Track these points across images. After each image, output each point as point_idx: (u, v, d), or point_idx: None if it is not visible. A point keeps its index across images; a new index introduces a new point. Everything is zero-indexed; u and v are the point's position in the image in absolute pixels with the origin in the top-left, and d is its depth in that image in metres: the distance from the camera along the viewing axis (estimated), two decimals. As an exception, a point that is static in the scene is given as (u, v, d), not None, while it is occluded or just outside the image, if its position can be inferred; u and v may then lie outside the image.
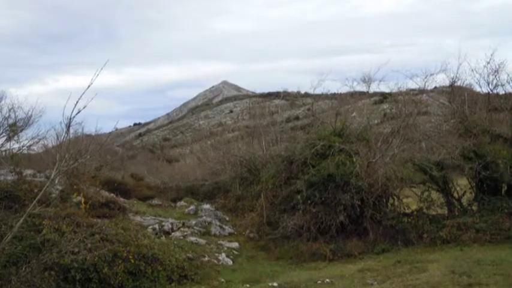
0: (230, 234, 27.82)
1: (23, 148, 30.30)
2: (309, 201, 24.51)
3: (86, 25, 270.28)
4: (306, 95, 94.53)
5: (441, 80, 31.81)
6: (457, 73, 30.00)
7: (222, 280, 20.21)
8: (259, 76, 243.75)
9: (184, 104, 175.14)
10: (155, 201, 33.69)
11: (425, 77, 30.06)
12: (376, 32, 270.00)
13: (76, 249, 17.33)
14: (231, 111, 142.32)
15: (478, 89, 31.50)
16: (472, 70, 29.71)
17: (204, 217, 29.27)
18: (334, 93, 47.94)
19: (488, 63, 29.02)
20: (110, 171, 46.68)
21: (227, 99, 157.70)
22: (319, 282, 18.48)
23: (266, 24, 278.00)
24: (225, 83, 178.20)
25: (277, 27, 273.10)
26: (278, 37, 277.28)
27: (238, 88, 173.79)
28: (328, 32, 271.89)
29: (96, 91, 13.29)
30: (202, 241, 25.19)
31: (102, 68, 13.70)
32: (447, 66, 29.85)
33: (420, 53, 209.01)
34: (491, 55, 28.97)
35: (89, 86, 13.30)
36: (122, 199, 30.22)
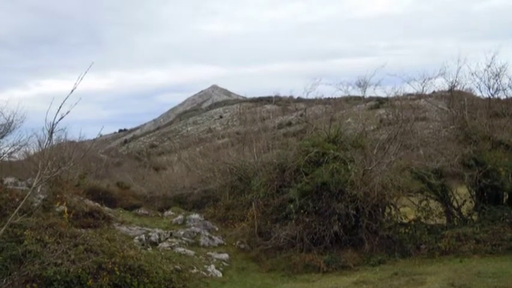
0: (220, 245, 27.77)
1: (4, 155, 30.28)
2: (302, 211, 24.55)
3: (70, 27, 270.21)
4: (299, 100, 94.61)
5: (440, 84, 32.02)
6: (456, 77, 30.08)
7: (212, 293, 20.26)
8: (250, 80, 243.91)
9: (172, 109, 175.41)
10: (142, 211, 33.60)
11: (423, 81, 30.19)
12: (371, 34, 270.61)
13: (59, 260, 17.32)
14: (221, 117, 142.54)
15: (478, 93, 31.59)
16: (472, 74, 29.75)
17: (193, 227, 29.21)
18: (328, 98, 48.07)
19: (489, 66, 29.07)
20: (94, 179, 46.60)
21: (217, 104, 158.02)
22: (312, 295, 18.53)
23: (257, 26, 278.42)
24: (214, 87, 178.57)
25: (268, 29, 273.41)
26: (269, 40, 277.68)
27: (228, 93, 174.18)
28: (322, 35, 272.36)
29: (80, 96, 13.21)
30: (190, 252, 25.18)
31: (86, 72, 13.61)
32: (446, 69, 29.94)
33: (418, 56, 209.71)
34: (492, 58, 29.01)
35: (72, 91, 13.23)
36: (106, 208, 30.19)
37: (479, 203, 26.47)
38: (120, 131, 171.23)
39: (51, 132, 13.91)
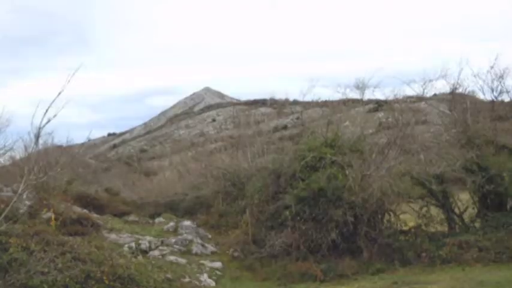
0: (213, 253, 27.78)
1: (-12, 160, 30.19)
2: (298, 218, 24.53)
3: (56, 27, 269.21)
4: (295, 102, 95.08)
5: (441, 86, 32.05)
6: (458, 79, 30.17)
7: (204, 303, 20.22)
8: (244, 82, 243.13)
9: (163, 113, 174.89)
10: (131, 218, 33.62)
11: (424, 83, 30.29)
12: (370, 35, 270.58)
13: (46, 269, 17.25)
14: (214, 120, 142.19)
15: (481, 96, 31.69)
16: (475, 76, 29.84)
17: (185, 235, 29.21)
18: (326, 101, 48.39)
19: (492, 68, 29.16)
20: (82, 185, 46.57)
21: (209, 107, 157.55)
22: (309, 305, 18.51)
23: (252, 26, 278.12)
24: (207, 89, 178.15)
25: (264, 29, 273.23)
26: (265, 40, 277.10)
27: (221, 95, 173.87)
28: (319, 35, 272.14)
29: (67, 99, 13.27)
30: (182, 260, 25.16)
31: (74, 74, 13.68)
32: (447, 71, 30.05)
33: (419, 57, 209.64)
34: (495, 59, 29.05)
35: (59, 93, 13.28)
36: (95, 215, 30.22)
37: (482, 210, 26.47)
38: (109, 135, 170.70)
39: (37, 137, 13.93)
